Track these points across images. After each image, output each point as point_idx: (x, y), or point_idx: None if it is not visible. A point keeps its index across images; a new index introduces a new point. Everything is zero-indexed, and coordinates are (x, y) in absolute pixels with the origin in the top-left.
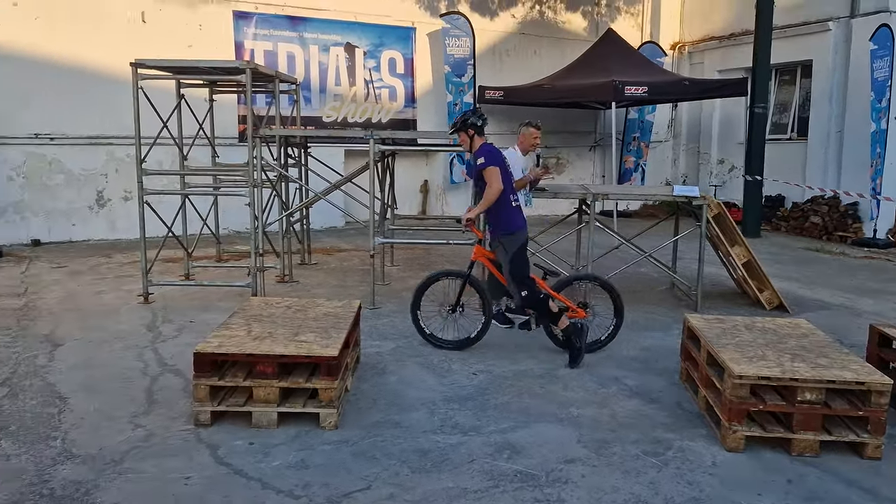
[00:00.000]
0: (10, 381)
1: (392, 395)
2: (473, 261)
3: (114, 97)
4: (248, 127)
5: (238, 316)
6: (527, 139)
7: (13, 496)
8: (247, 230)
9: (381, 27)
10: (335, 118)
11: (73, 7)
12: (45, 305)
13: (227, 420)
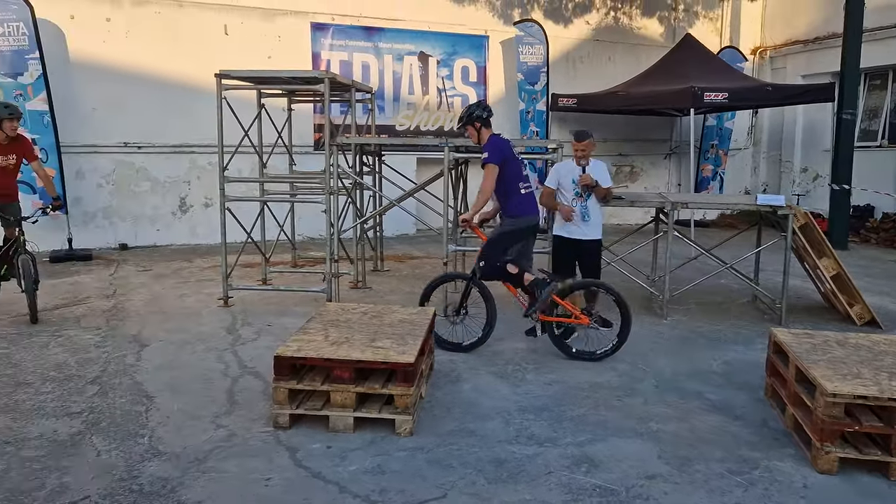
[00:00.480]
0: (101, 378)
1: (466, 403)
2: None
3: (197, 107)
4: (324, 135)
5: (316, 321)
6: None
7: (105, 490)
8: (321, 236)
9: (454, 36)
10: (408, 126)
11: (161, 22)
12: (132, 307)
13: (304, 423)
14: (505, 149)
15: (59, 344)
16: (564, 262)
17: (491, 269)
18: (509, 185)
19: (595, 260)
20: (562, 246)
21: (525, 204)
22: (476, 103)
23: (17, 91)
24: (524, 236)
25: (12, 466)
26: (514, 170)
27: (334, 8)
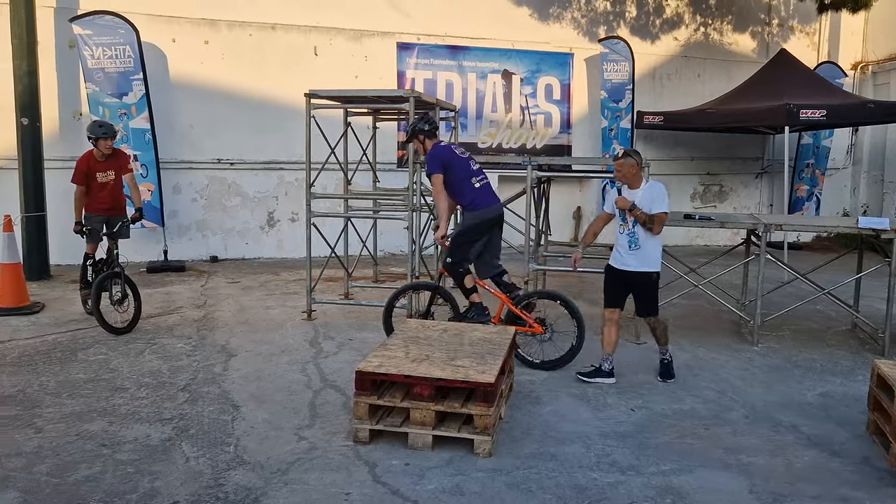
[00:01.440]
0: (191, 387)
1: (546, 426)
2: (441, 273)
3: (287, 125)
4: (408, 153)
5: (397, 337)
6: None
7: (193, 496)
8: (402, 252)
9: (538, 54)
10: (490, 144)
11: (254, 44)
12: (221, 317)
13: (383, 439)
14: (443, 155)
15: (153, 351)
16: (612, 293)
17: (455, 265)
18: (460, 184)
19: (647, 293)
20: (609, 276)
21: (482, 196)
22: (419, 118)
23: (121, 110)
24: (488, 228)
25: (108, 469)
26: (460, 169)
27: (420, 28)
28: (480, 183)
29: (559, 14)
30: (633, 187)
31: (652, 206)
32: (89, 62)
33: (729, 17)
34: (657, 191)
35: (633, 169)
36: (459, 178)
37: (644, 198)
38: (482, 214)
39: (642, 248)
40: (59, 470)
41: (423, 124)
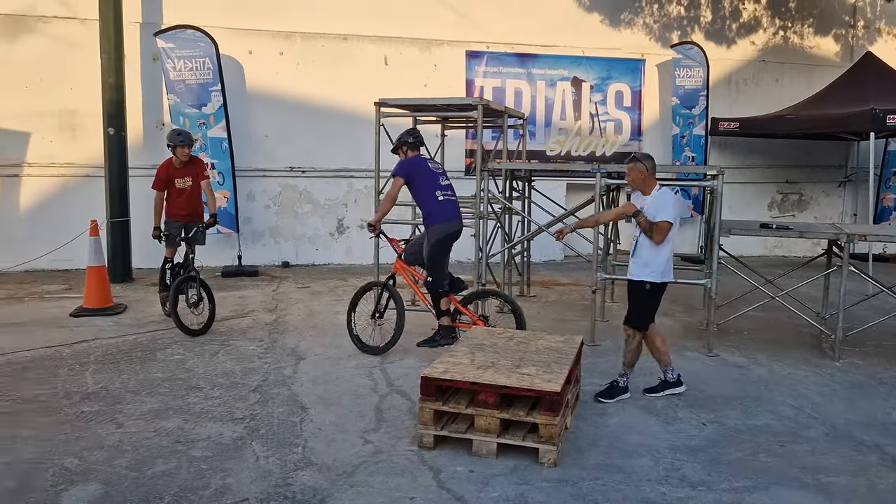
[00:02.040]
0: (262, 388)
1: (613, 437)
2: (394, 273)
3: (357, 134)
4: (476, 160)
5: (462, 343)
6: None
7: (262, 495)
8: (468, 260)
9: (609, 60)
10: (559, 152)
11: (327, 54)
12: (291, 321)
13: (448, 445)
14: (414, 166)
15: (226, 353)
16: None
17: (436, 285)
18: (425, 195)
19: (635, 302)
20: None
21: (442, 209)
22: (406, 131)
23: (200, 120)
24: (449, 241)
25: (182, 465)
26: (427, 182)
27: (489, 36)
28: (444, 197)
29: (631, 20)
30: (645, 193)
31: (656, 214)
32: (171, 74)
33: (810, 20)
34: (663, 198)
35: (641, 174)
36: (425, 189)
37: (652, 205)
38: (442, 229)
39: (641, 256)
40: (138, 464)
41: (408, 137)
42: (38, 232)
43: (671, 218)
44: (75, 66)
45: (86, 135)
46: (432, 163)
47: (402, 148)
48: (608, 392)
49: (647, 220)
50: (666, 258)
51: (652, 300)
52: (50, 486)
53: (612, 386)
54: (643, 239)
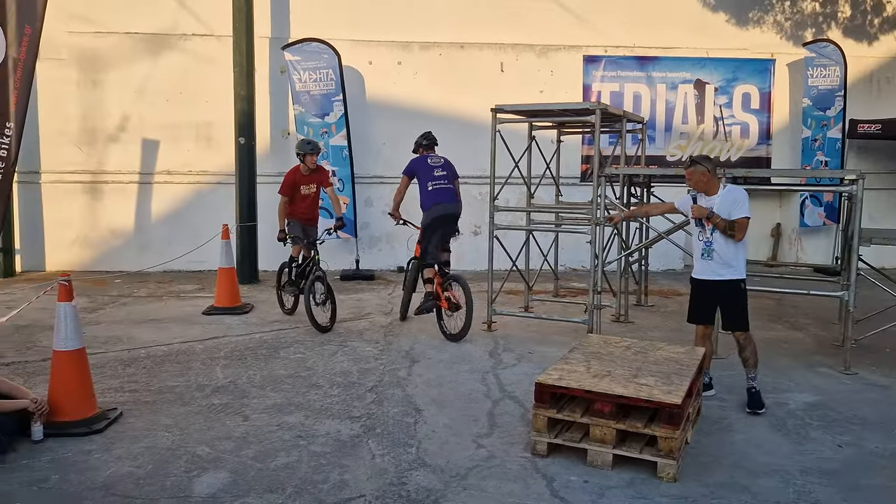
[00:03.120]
0: (377, 388)
1: (738, 455)
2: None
3: (472, 141)
4: (594, 166)
5: (578, 351)
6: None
7: (378, 492)
8: (583, 267)
9: (735, 61)
10: (680, 157)
11: (444, 63)
12: (405, 325)
13: (562, 453)
14: (415, 164)
15: (344, 353)
16: (698, 307)
17: (424, 257)
18: (421, 188)
19: (734, 304)
20: (694, 288)
21: (433, 197)
22: (421, 135)
23: (323, 129)
24: (439, 223)
25: (303, 459)
26: (423, 176)
27: (607, 40)
28: (434, 186)
29: (760, 18)
30: (710, 194)
31: (732, 212)
32: (297, 86)
33: None
34: (737, 195)
35: (703, 176)
36: (422, 183)
37: (723, 203)
38: (430, 214)
39: (722, 256)
40: (262, 455)
41: (422, 139)
42: (175, 235)
43: (749, 213)
44: (210, 80)
45: (219, 144)
46: (432, 159)
47: (419, 150)
48: (755, 401)
49: (723, 219)
50: (745, 255)
51: (746, 298)
52: (183, 471)
53: (753, 392)
54: (719, 238)
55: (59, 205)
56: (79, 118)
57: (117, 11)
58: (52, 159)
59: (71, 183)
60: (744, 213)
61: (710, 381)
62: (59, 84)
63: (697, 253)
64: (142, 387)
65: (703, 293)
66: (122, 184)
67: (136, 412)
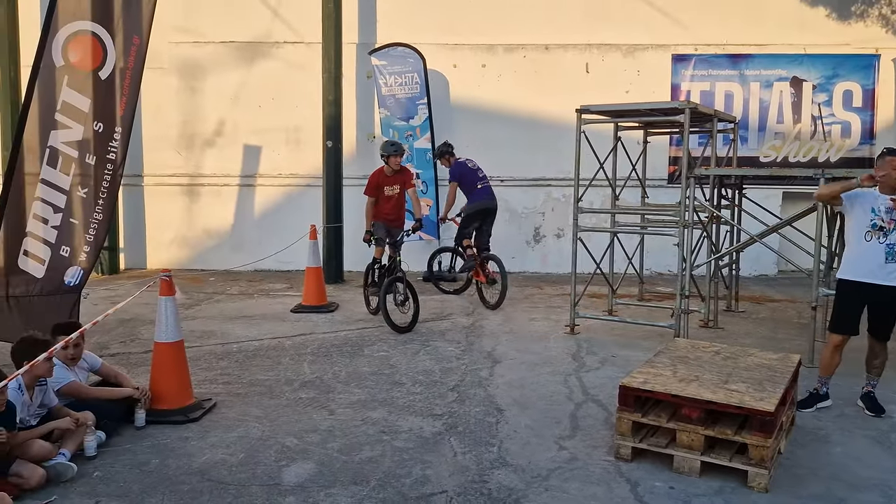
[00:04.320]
0: (459, 387)
1: (836, 467)
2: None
3: (556, 143)
4: (682, 166)
5: (664, 355)
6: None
7: (459, 488)
8: (668, 272)
9: (836, 57)
10: (774, 158)
11: (528, 65)
12: (487, 326)
13: (646, 458)
14: (461, 169)
15: (427, 353)
16: (852, 314)
17: (461, 236)
18: (469, 188)
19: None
20: (853, 293)
21: (478, 195)
22: (442, 143)
23: (407, 132)
24: (478, 216)
25: (386, 453)
26: (469, 178)
27: (698, 38)
28: (481, 185)
29: (863, 11)
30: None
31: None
32: (383, 90)
33: None
34: None
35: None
36: (468, 184)
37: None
38: (473, 207)
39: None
40: (347, 449)
41: (447, 147)
42: (265, 236)
43: None
44: (300, 86)
45: (307, 148)
46: (470, 163)
47: (445, 157)
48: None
49: None
50: None
51: None
52: (273, 461)
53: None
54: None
55: (159, 206)
56: (178, 124)
57: (215, 22)
58: (154, 163)
59: (170, 185)
60: None
61: (827, 391)
62: (161, 91)
63: (877, 257)
64: (234, 379)
65: (866, 299)
66: (217, 186)
67: (229, 403)
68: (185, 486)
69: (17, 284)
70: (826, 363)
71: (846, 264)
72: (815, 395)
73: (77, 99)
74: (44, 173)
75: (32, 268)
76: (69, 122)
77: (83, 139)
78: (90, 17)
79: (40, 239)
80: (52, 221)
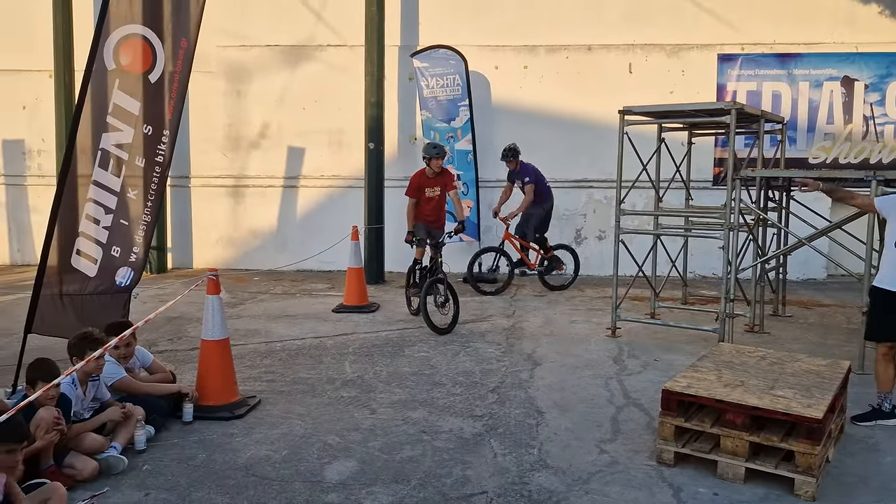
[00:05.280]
0: (499, 389)
1: (886, 476)
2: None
3: (598, 144)
4: (728, 168)
5: (708, 360)
6: None
7: (499, 489)
8: (713, 275)
9: (889, 55)
10: (824, 159)
11: (571, 66)
12: (528, 328)
13: (689, 464)
14: (536, 171)
15: (467, 354)
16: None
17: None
18: (541, 190)
19: None
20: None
21: (549, 195)
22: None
23: (448, 134)
24: (545, 213)
25: (427, 453)
26: (541, 180)
27: (744, 37)
28: (548, 184)
29: None
30: None
31: None
32: (425, 91)
33: None
34: None
35: None
36: (542, 184)
37: None
38: (548, 206)
39: None
40: (388, 448)
41: (517, 148)
42: (307, 236)
43: None
44: (343, 88)
45: (350, 150)
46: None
47: (515, 159)
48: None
49: None
50: None
51: None
52: (316, 458)
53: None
54: None
55: (205, 207)
56: (224, 126)
57: (261, 26)
58: (200, 164)
59: (216, 187)
60: None
61: (892, 408)
62: (208, 94)
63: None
64: (277, 377)
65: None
66: (261, 188)
67: (273, 400)
68: (230, 481)
69: (71, 283)
70: (881, 377)
71: (881, 272)
72: (878, 410)
73: (128, 102)
74: (96, 175)
75: (85, 267)
76: (120, 124)
77: (133, 142)
78: (141, 21)
79: (92, 239)
80: (104, 222)
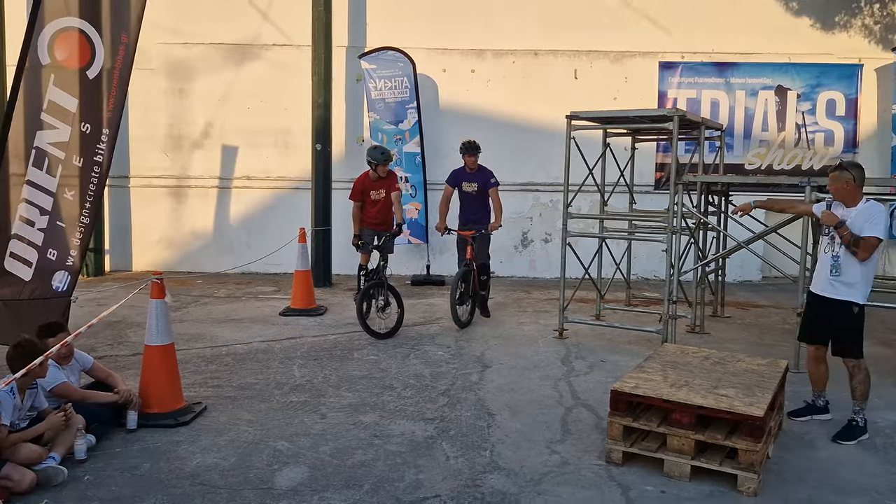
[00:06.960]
0: (450, 391)
1: (823, 472)
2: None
3: (545, 148)
4: (671, 173)
5: (654, 360)
6: None
7: (453, 493)
8: (655, 277)
9: (819, 66)
10: (758, 165)
11: (517, 70)
12: (477, 330)
13: (637, 463)
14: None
15: (416, 356)
16: (811, 325)
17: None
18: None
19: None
20: (809, 303)
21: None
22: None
23: (396, 136)
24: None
25: (379, 457)
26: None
27: (685, 46)
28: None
29: (846, 22)
30: (849, 205)
31: (863, 228)
32: (373, 93)
33: None
34: (873, 212)
35: (846, 185)
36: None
37: (857, 218)
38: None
39: (843, 274)
40: (339, 453)
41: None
42: (253, 238)
43: (882, 234)
44: (290, 88)
45: (296, 151)
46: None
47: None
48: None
49: (852, 234)
50: (871, 277)
51: (862, 323)
52: (266, 465)
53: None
54: (845, 255)
55: (145, 208)
56: (166, 125)
57: (205, 23)
58: (140, 164)
59: (157, 187)
60: (875, 232)
61: (825, 404)
62: (148, 92)
63: (824, 268)
64: (224, 383)
65: (819, 310)
66: (204, 188)
67: (220, 407)
68: (176, 491)
69: (5, 286)
70: (812, 376)
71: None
72: (812, 406)
73: (64, 99)
74: (30, 174)
75: (19, 270)
76: (56, 122)
77: (70, 140)
78: (78, 14)
79: (27, 241)
80: (39, 224)
